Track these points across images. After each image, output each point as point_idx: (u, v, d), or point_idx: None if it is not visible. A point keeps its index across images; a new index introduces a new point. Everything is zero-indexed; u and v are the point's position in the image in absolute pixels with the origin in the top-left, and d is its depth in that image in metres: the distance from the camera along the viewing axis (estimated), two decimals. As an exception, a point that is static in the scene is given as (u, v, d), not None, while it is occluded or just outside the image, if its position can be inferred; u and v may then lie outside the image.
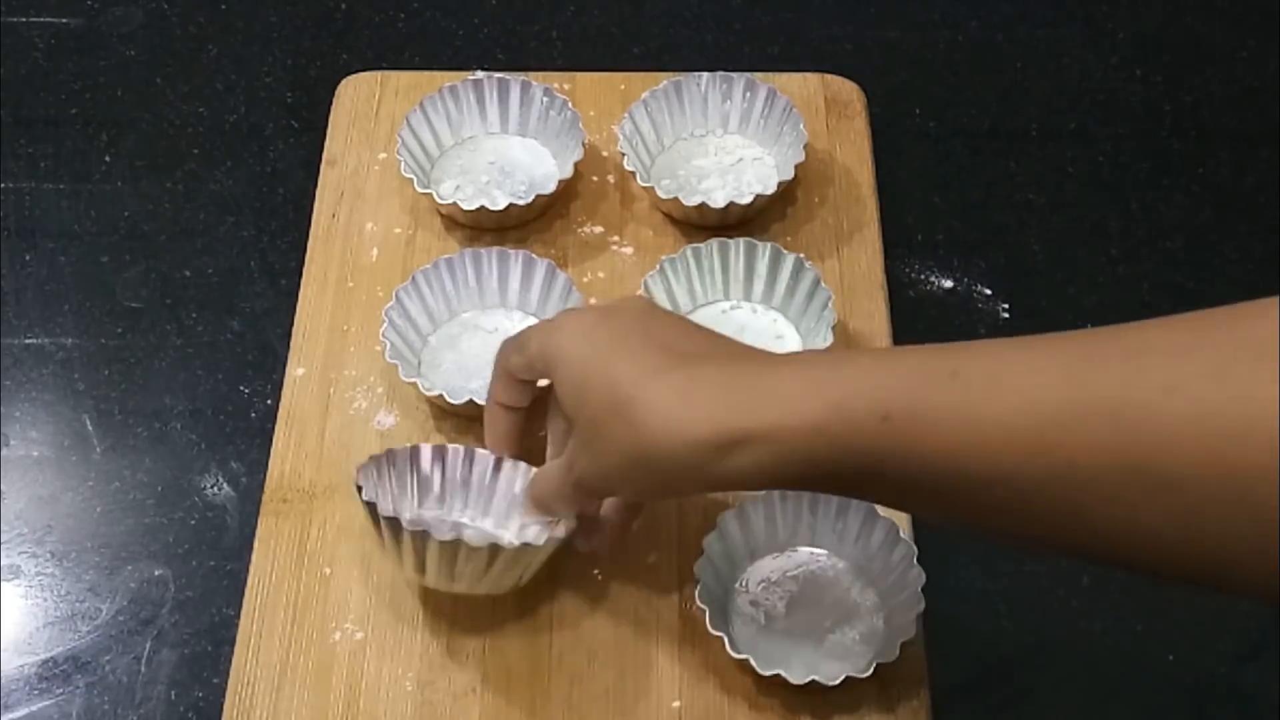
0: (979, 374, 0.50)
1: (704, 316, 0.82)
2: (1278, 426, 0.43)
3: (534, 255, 0.81)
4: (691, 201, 0.84)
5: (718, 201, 0.84)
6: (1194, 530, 0.46)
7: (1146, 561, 0.48)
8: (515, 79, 0.89)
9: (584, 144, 0.86)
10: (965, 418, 0.50)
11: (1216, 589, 0.48)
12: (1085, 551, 0.51)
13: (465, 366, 0.81)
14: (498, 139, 0.90)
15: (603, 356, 0.60)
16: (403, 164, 0.85)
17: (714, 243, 0.81)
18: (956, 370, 0.51)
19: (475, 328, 0.82)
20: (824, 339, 0.77)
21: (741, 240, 0.81)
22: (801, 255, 0.81)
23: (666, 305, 0.80)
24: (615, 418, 0.58)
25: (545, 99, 0.89)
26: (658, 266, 0.81)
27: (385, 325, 0.79)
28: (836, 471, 0.54)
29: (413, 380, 0.77)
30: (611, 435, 0.59)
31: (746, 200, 0.84)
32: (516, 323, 0.82)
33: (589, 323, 0.62)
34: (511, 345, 0.68)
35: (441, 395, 0.76)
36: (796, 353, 0.59)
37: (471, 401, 0.75)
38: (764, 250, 0.81)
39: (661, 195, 0.85)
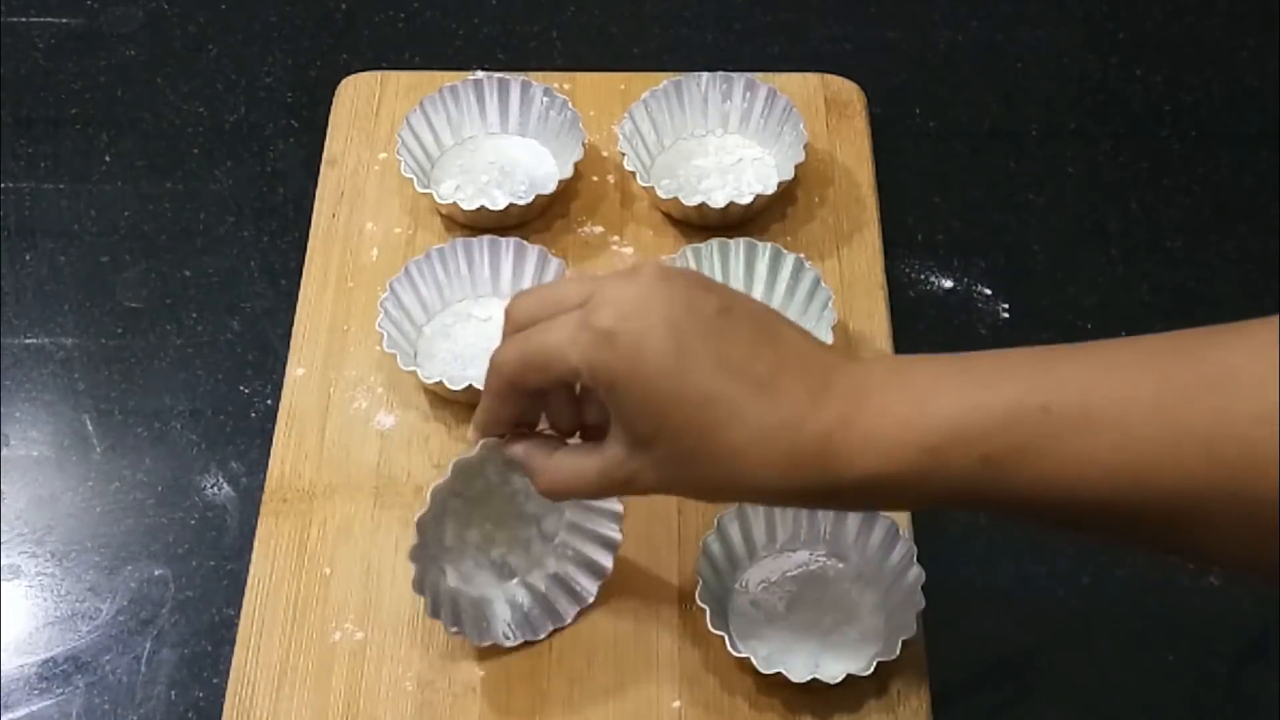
0: (1071, 409, 0.52)
1: None
2: None
3: (525, 242, 0.81)
4: (691, 201, 0.84)
5: (718, 201, 0.84)
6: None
7: (1254, 568, 0.51)
8: (515, 79, 0.89)
9: (584, 144, 0.86)
10: (1060, 456, 0.52)
11: None
12: (1197, 560, 0.57)
13: (461, 355, 0.81)
14: (498, 139, 0.90)
15: (681, 380, 0.57)
16: (403, 164, 0.85)
17: (714, 243, 0.81)
18: (1047, 405, 0.52)
19: (469, 316, 0.82)
20: (824, 340, 0.77)
21: (741, 240, 0.81)
22: (802, 255, 0.81)
23: None
24: (704, 446, 0.57)
25: (545, 99, 0.89)
26: None
27: (381, 316, 0.79)
28: (935, 503, 0.57)
29: (411, 369, 0.77)
30: (695, 465, 0.58)
31: (746, 200, 0.84)
32: None
33: (649, 349, 0.57)
34: (526, 361, 0.61)
35: (441, 382, 0.77)
36: (872, 370, 0.57)
37: (471, 387, 0.76)
38: (764, 250, 0.81)
39: (661, 195, 0.85)
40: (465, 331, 0.82)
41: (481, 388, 0.75)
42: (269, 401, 0.84)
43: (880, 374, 0.57)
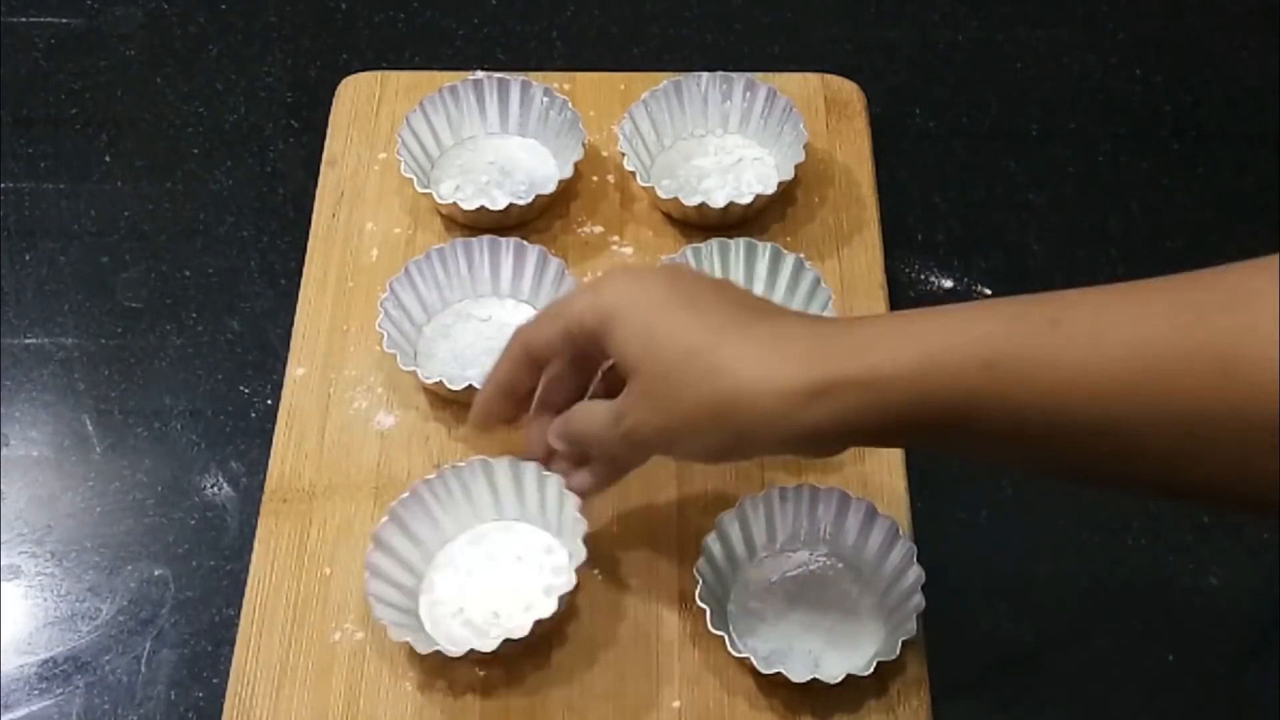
0: (1081, 322, 0.50)
1: None
2: None
3: (525, 242, 0.81)
4: (691, 201, 0.84)
5: (718, 201, 0.84)
6: None
7: (1255, 501, 0.49)
8: (515, 79, 0.89)
9: (584, 144, 0.86)
10: (1069, 364, 0.50)
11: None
12: (1189, 494, 0.51)
13: (460, 355, 0.81)
14: (498, 139, 0.90)
15: (676, 305, 0.58)
16: (403, 164, 0.85)
17: (714, 243, 0.81)
18: (1057, 318, 0.51)
19: (469, 316, 0.82)
20: None
21: (741, 240, 0.81)
22: (801, 255, 0.81)
23: None
24: (691, 367, 0.57)
25: (545, 99, 0.89)
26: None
27: (381, 316, 0.79)
28: (926, 421, 0.54)
29: (411, 369, 0.77)
30: (685, 385, 0.57)
31: (746, 200, 0.84)
32: (509, 310, 0.82)
33: (648, 278, 0.60)
34: (539, 321, 0.64)
35: (440, 382, 0.77)
36: (880, 315, 0.58)
37: (470, 387, 0.76)
38: (764, 250, 0.81)
39: (661, 195, 0.85)
40: (465, 331, 0.82)
41: (480, 387, 0.75)
42: (269, 401, 0.84)
43: (881, 314, 0.58)
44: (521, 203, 0.85)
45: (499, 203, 0.85)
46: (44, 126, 0.98)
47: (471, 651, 0.68)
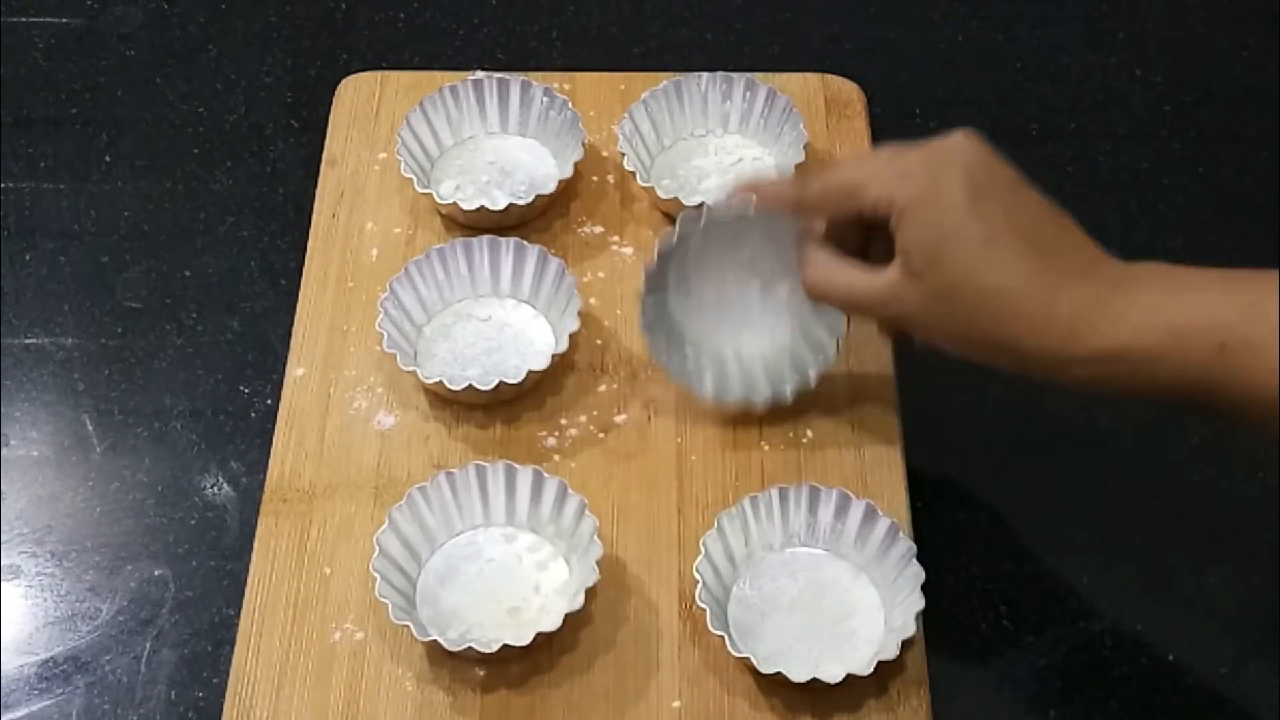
0: None
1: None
2: None
3: (525, 242, 0.81)
4: (691, 201, 0.84)
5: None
6: None
7: None
8: (515, 79, 0.89)
9: (584, 144, 0.86)
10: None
11: None
12: None
13: (460, 355, 0.81)
14: (498, 139, 0.90)
15: (964, 230, 0.63)
16: (403, 164, 0.85)
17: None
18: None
19: (469, 316, 0.82)
20: (829, 342, 0.77)
21: None
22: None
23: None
24: (970, 299, 0.63)
25: (545, 99, 0.89)
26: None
27: (381, 316, 0.79)
28: (1174, 389, 0.61)
29: (411, 369, 0.77)
30: (963, 310, 0.64)
31: (746, 200, 0.84)
32: (509, 310, 0.82)
33: (947, 174, 0.64)
34: (827, 191, 0.69)
35: (440, 382, 0.77)
36: (1143, 268, 0.63)
37: (471, 387, 0.76)
38: None
39: (661, 195, 0.85)
40: (465, 331, 0.82)
41: (481, 387, 0.76)
42: (269, 401, 0.84)
43: (1141, 269, 0.62)
44: (521, 203, 0.85)
45: (499, 203, 0.85)
46: (44, 126, 0.98)
47: (471, 649, 0.68)
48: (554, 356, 0.78)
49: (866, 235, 0.71)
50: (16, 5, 1.04)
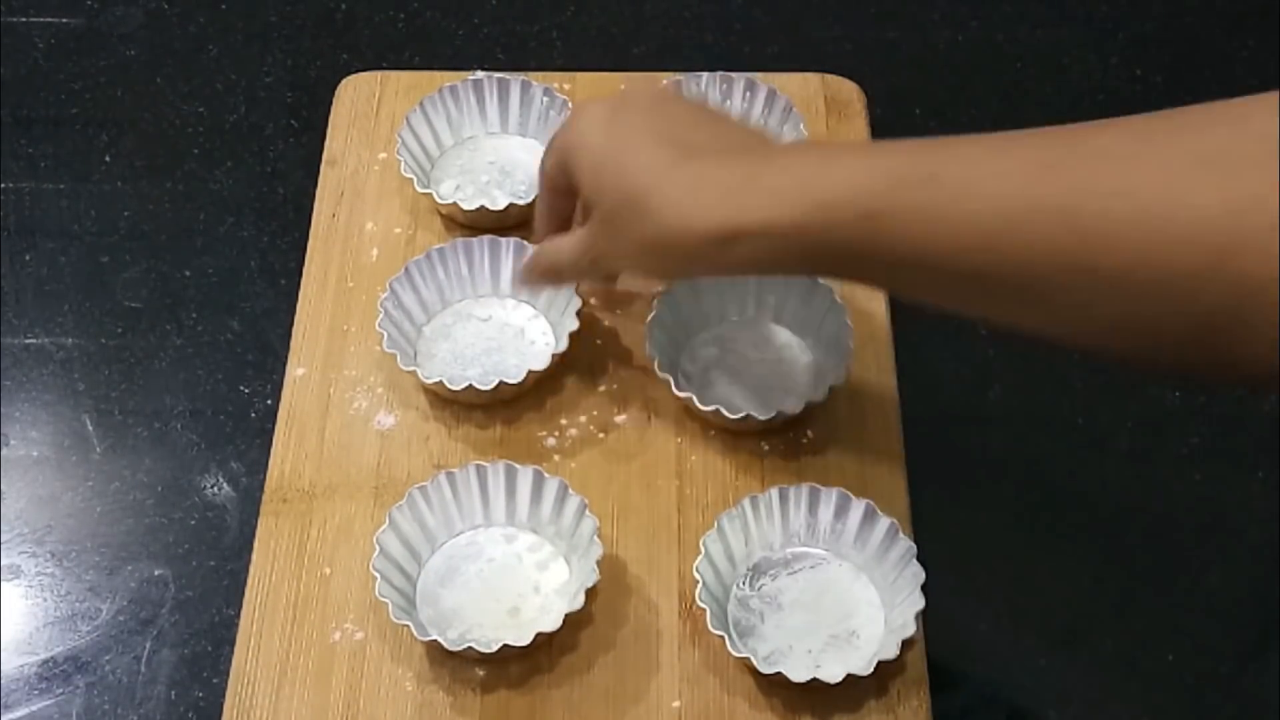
0: (954, 178, 0.55)
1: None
2: (1215, 231, 0.48)
3: (525, 242, 0.81)
4: (691, 201, 0.84)
5: (718, 201, 0.84)
6: (1135, 321, 0.52)
7: (1101, 347, 0.55)
8: (515, 79, 0.89)
9: (584, 144, 0.86)
10: (939, 219, 0.55)
11: (1160, 371, 0.57)
12: (1051, 337, 0.56)
13: (461, 355, 0.81)
14: (498, 139, 0.90)
15: (618, 148, 0.65)
16: (403, 164, 0.85)
17: None
18: (935, 174, 0.56)
19: (469, 316, 0.82)
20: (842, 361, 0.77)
21: None
22: None
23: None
24: (631, 209, 0.64)
25: (545, 99, 0.89)
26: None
27: (381, 316, 0.79)
28: (825, 259, 0.61)
29: (411, 369, 0.77)
30: (628, 225, 0.64)
31: (746, 200, 0.84)
32: (509, 310, 0.82)
33: (603, 115, 0.66)
34: (546, 150, 0.71)
35: (440, 382, 0.77)
36: (792, 146, 0.66)
37: (471, 387, 0.76)
38: None
39: (661, 195, 0.84)
40: (465, 332, 0.82)
41: (481, 387, 0.76)
42: (269, 401, 0.84)
43: (793, 146, 0.64)
44: (521, 203, 0.85)
45: (499, 203, 0.85)
46: (44, 126, 0.98)
47: (471, 649, 0.68)
48: (554, 356, 0.78)
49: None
50: (16, 5, 1.04)
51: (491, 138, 0.90)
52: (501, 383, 0.76)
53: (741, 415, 0.75)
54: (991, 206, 0.54)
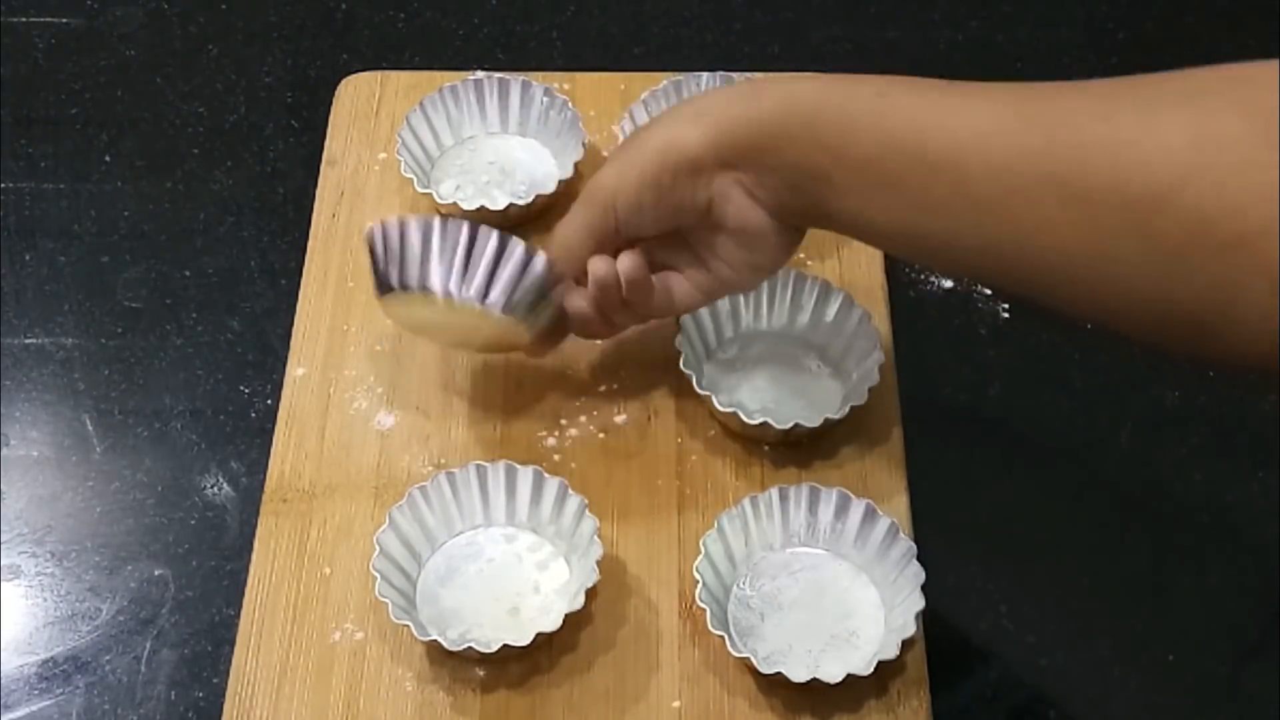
0: (929, 88, 0.61)
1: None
2: (1174, 160, 0.51)
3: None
4: (691, 201, 0.84)
5: (718, 201, 0.84)
6: (1093, 244, 0.54)
7: (1049, 274, 0.57)
8: (515, 79, 0.89)
9: (584, 144, 0.86)
10: (887, 129, 0.60)
11: (1106, 310, 0.57)
12: (999, 265, 0.59)
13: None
14: (498, 139, 0.90)
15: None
16: (403, 164, 0.85)
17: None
18: (884, 91, 0.61)
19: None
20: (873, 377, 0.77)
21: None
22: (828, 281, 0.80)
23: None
24: (631, 140, 0.71)
25: (545, 99, 0.89)
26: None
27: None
28: (799, 156, 0.65)
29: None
30: (630, 149, 0.70)
31: (746, 200, 0.84)
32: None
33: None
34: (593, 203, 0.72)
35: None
36: (755, 83, 0.69)
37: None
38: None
39: (661, 195, 0.84)
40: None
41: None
42: (269, 401, 0.84)
43: (756, 84, 0.69)
44: (521, 203, 0.85)
45: (499, 203, 0.85)
46: (44, 126, 0.98)
47: (471, 649, 0.68)
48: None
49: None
50: (16, 5, 1.04)
51: (491, 138, 0.90)
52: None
53: (759, 423, 0.75)
54: (964, 121, 0.58)
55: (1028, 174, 0.56)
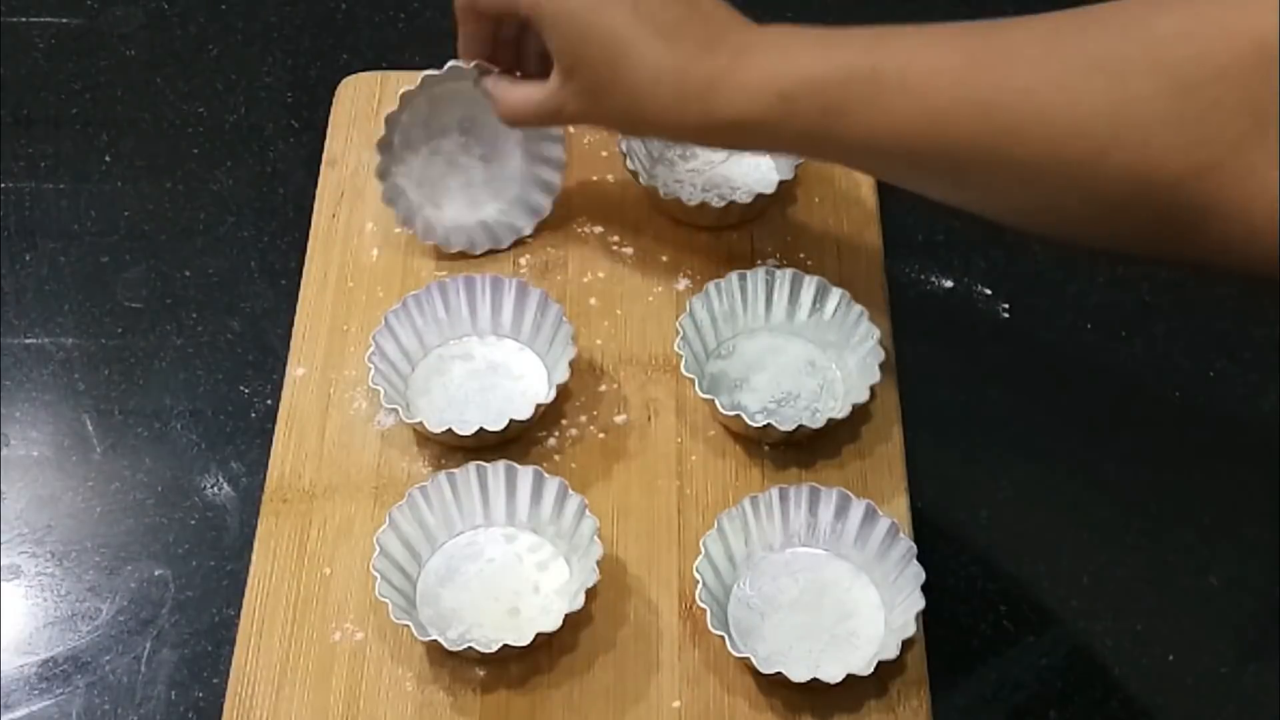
0: (893, 74, 0.62)
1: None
2: (1099, 128, 0.56)
3: (527, 284, 0.80)
4: (692, 201, 0.84)
5: (717, 202, 0.84)
6: (1043, 201, 0.61)
7: (1019, 223, 0.65)
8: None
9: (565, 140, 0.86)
10: (880, 111, 0.63)
11: (1069, 244, 0.66)
12: (990, 214, 0.66)
13: (453, 399, 0.80)
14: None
15: (594, 29, 0.69)
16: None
17: (733, 275, 0.81)
18: (876, 68, 0.63)
19: (468, 356, 0.81)
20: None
21: (760, 270, 0.81)
22: (823, 279, 0.80)
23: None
24: (616, 92, 0.69)
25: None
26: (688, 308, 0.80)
27: (373, 350, 0.78)
28: (798, 147, 0.73)
29: (414, 423, 0.76)
30: (614, 102, 0.70)
31: (746, 200, 0.84)
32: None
33: None
34: None
35: (421, 423, 0.76)
36: (755, 35, 0.69)
37: (449, 431, 0.75)
38: (782, 277, 0.81)
39: (662, 195, 0.85)
40: (458, 371, 0.80)
41: (463, 431, 0.74)
42: (269, 401, 0.84)
43: (763, 34, 0.68)
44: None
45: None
46: (44, 126, 0.98)
47: (471, 649, 0.68)
48: (538, 407, 0.76)
49: (518, 46, 0.79)
50: (16, 5, 1.04)
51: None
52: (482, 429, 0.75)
53: (763, 425, 0.75)
54: (920, 104, 0.61)
55: (978, 150, 0.60)
